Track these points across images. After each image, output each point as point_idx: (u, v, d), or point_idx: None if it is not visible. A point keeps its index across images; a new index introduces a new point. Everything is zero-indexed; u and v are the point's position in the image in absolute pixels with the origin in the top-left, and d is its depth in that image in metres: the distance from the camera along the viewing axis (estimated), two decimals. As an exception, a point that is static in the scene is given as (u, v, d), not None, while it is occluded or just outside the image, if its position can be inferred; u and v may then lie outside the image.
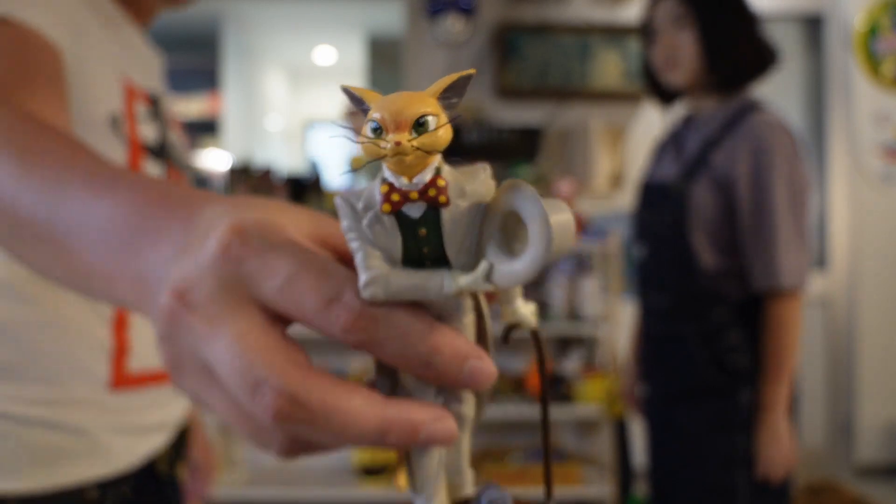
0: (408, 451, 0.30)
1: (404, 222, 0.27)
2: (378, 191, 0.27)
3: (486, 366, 0.28)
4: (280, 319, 0.28)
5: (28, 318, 0.66)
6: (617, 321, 2.74)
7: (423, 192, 0.27)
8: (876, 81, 3.29)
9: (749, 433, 1.30)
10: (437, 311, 0.29)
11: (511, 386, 2.95)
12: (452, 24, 3.05)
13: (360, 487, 2.75)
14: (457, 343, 0.28)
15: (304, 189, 2.83)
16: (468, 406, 0.31)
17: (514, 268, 0.27)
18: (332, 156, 3.72)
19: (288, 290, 0.27)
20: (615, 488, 2.73)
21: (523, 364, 3.05)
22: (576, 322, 2.77)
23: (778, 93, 3.36)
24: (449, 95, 0.30)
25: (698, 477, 1.37)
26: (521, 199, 0.28)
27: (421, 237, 0.27)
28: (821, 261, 3.35)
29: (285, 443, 0.28)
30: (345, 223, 0.28)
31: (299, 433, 0.27)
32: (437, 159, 0.29)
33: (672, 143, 1.50)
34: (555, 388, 2.76)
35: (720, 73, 1.39)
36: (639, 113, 3.20)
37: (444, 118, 0.29)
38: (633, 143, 3.18)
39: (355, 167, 2.94)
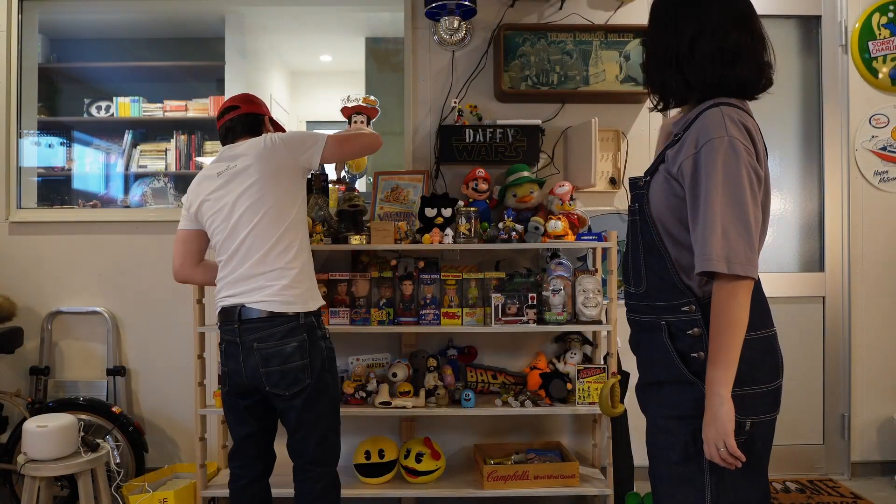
0: None
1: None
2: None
3: None
4: None
5: None
6: (616, 320, 2.75)
7: None
8: (871, 82, 3.31)
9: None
10: None
11: (511, 385, 2.97)
12: (452, 25, 3.06)
13: (360, 487, 2.76)
14: None
15: (307, 187, 2.84)
16: None
17: None
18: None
19: None
20: (614, 486, 2.75)
21: (523, 364, 3.07)
22: (575, 321, 2.79)
23: (775, 93, 3.37)
24: None
25: (666, 466, 1.40)
26: None
27: None
28: (817, 260, 3.37)
29: None
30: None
31: None
32: None
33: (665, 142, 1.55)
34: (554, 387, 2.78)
35: (658, 92, 1.48)
36: (638, 113, 3.21)
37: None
38: (633, 143, 3.19)
39: (355, 169, 2.96)
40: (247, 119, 2.24)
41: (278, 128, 2.38)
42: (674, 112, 1.56)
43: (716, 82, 1.40)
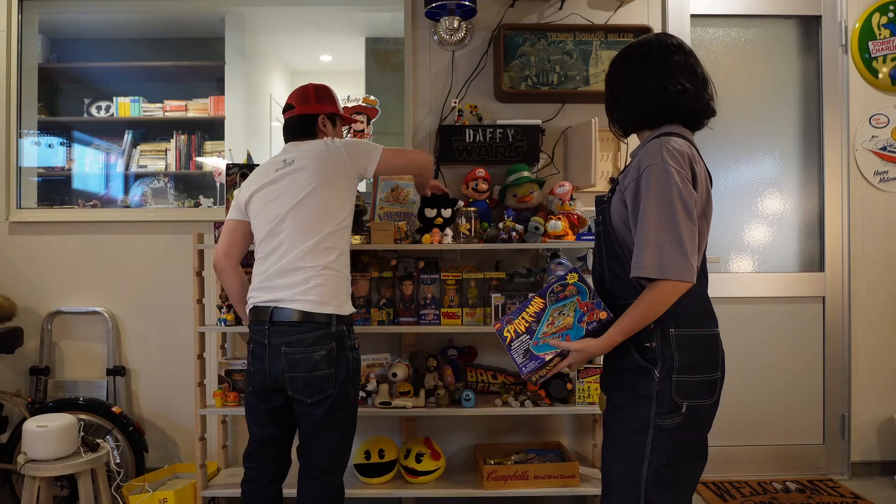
0: None
1: None
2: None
3: None
4: None
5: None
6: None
7: None
8: (871, 82, 3.31)
9: (657, 404, 1.53)
10: None
11: (511, 385, 2.97)
12: (452, 25, 3.06)
13: (360, 487, 2.76)
14: None
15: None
16: None
17: None
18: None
19: None
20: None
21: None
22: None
23: (775, 93, 3.38)
24: None
25: (617, 439, 1.61)
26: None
27: None
28: (817, 260, 3.37)
29: None
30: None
31: None
32: None
33: None
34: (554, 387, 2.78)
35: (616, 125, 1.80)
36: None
37: None
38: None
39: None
40: (298, 120, 2.26)
41: (348, 119, 2.41)
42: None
43: (661, 114, 1.63)
